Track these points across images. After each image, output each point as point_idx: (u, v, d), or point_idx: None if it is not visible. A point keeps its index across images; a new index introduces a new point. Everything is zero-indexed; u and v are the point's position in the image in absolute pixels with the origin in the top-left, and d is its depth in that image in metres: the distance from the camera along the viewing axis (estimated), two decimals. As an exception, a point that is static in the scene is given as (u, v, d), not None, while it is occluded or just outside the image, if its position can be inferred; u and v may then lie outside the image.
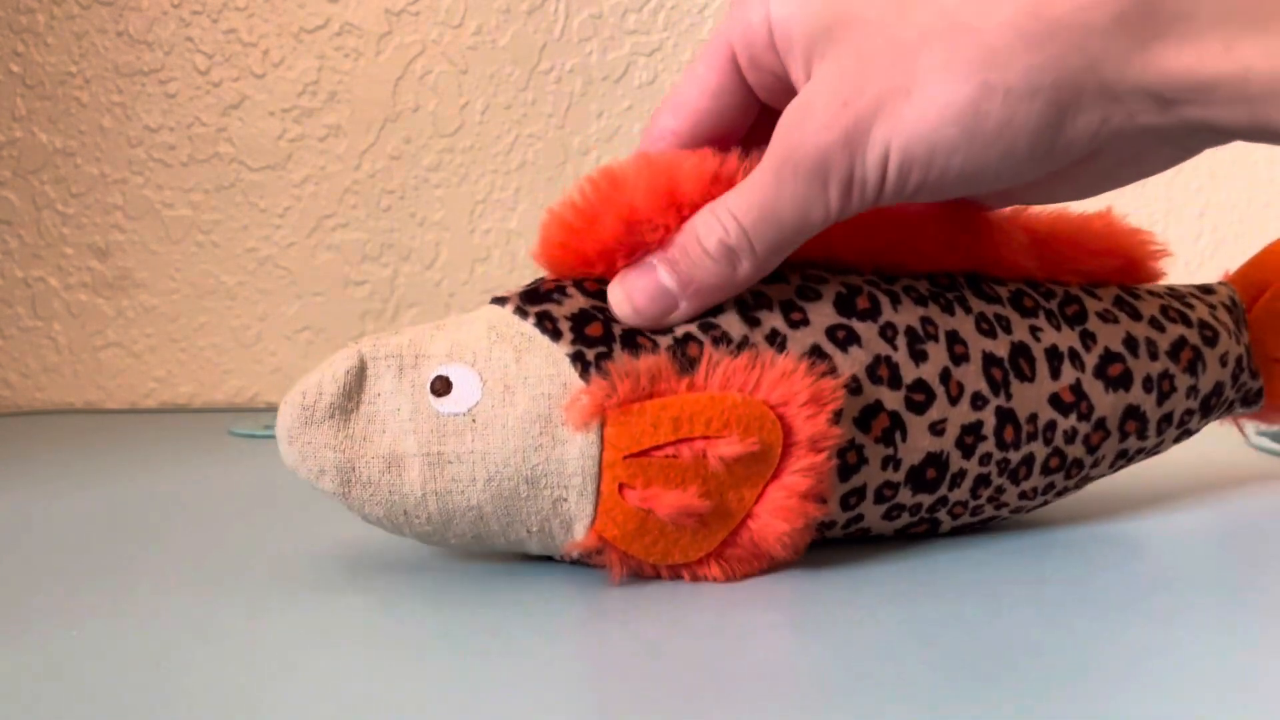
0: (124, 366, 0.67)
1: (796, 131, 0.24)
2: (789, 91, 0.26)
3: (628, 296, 0.26)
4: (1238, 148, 0.26)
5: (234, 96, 0.66)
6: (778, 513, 0.25)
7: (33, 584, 0.27)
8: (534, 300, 0.26)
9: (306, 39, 0.66)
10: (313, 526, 0.33)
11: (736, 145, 0.28)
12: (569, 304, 0.26)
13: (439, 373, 0.25)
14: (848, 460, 0.26)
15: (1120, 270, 0.31)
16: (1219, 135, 0.24)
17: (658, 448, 0.24)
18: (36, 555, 0.30)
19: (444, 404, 0.25)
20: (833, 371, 0.26)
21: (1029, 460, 0.29)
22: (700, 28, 0.68)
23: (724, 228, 0.25)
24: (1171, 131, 0.24)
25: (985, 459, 0.28)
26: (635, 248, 0.26)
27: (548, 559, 0.28)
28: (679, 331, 0.26)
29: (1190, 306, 0.32)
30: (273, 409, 0.66)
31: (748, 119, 0.28)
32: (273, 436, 0.53)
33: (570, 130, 0.68)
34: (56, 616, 0.24)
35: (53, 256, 0.66)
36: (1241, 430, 0.36)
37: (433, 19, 0.67)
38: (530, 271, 0.56)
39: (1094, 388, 0.29)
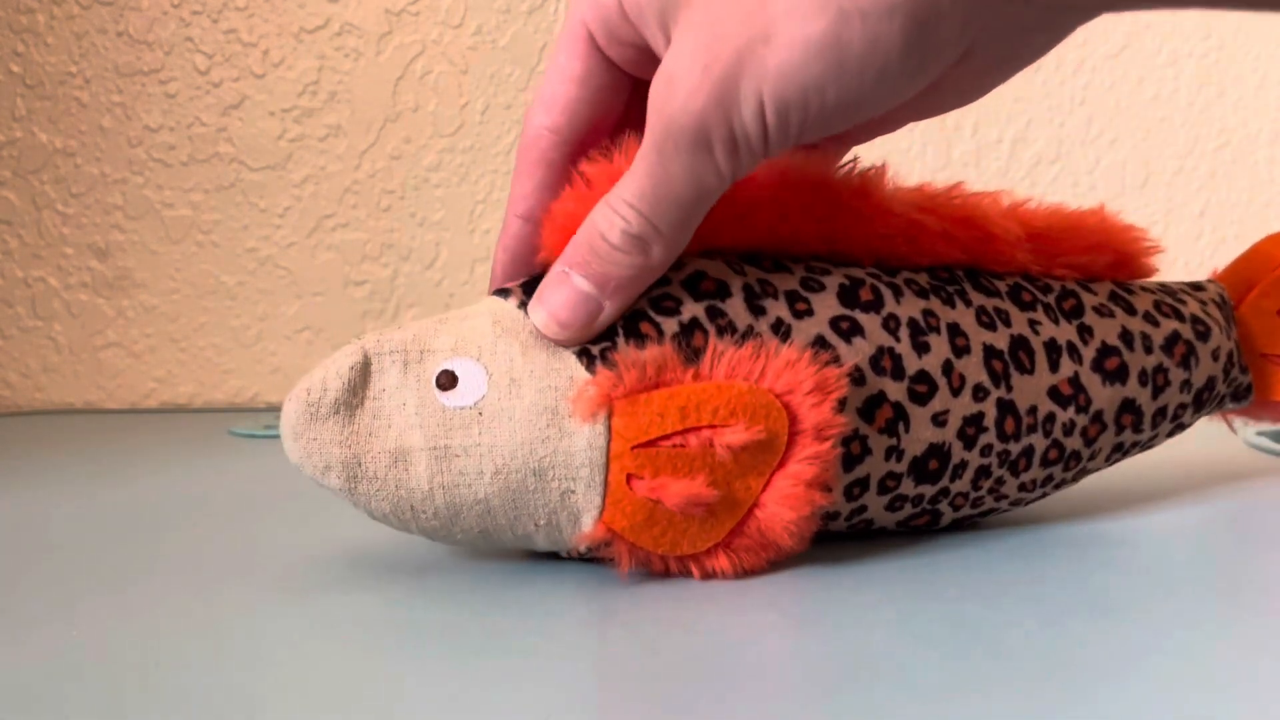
0: (124, 366, 0.67)
1: (667, 105, 0.24)
2: (654, 60, 0.26)
3: (551, 314, 0.25)
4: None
5: (234, 96, 0.66)
6: (784, 501, 0.25)
7: (33, 584, 0.27)
8: None
9: (306, 39, 0.66)
10: (313, 526, 0.33)
11: (617, 126, 0.27)
12: None
13: (444, 367, 0.25)
14: (852, 450, 0.27)
15: (1114, 265, 0.32)
16: (1080, 10, 0.24)
17: (665, 437, 0.24)
18: (36, 555, 0.30)
19: (450, 398, 0.25)
20: (836, 361, 0.26)
21: (1029, 452, 0.29)
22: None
23: (624, 218, 0.25)
24: (1033, 19, 0.24)
25: (986, 450, 0.28)
26: None
27: (552, 557, 0.28)
28: (685, 318, 0.26)
29: (1182, 302, 0.32)
30: (273, 409, 0.66)
31: (621, 97, 0.28)
32: (273, 436, 0.53)
33: (570, 130, 0.68)
34: (57, 616, 0.24)
35: (53, 256, 0.66)
36: (1231, 426, 0.36)
37: (433, 19, 0.67)
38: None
39: (1092, 381, 0.30)
